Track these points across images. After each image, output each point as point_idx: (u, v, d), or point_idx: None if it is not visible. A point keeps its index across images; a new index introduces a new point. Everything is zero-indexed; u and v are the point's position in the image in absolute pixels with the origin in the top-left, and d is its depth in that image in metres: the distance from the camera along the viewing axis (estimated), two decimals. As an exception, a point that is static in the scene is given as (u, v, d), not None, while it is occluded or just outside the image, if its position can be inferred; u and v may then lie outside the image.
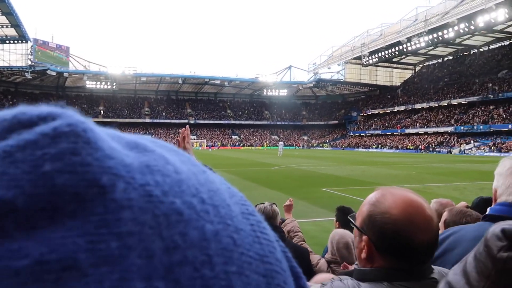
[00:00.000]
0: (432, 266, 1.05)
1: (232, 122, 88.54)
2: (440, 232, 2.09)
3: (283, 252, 0.26)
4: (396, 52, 66.21)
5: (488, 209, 1.42)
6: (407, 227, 0.96)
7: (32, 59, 67.70)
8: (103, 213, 0.18)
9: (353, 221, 1.10)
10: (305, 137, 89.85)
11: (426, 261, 1.01)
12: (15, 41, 65.53)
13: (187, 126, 2.47)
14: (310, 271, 2.66)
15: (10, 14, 52.63)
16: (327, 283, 1.05)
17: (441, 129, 59.61)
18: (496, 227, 0.63)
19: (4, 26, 57.89)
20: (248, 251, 0.22)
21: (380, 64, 77.87)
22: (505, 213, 1.31)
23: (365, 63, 73.22)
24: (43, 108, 0.20)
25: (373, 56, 69.66)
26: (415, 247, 0.96)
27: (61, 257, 0.17)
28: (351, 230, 2.18)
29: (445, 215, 2.17)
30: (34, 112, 0.19)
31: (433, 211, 1.03)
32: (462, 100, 61.25)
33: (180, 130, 2.33)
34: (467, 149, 50.25)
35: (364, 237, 1.02)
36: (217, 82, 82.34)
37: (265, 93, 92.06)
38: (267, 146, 78.29)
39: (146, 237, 0.18)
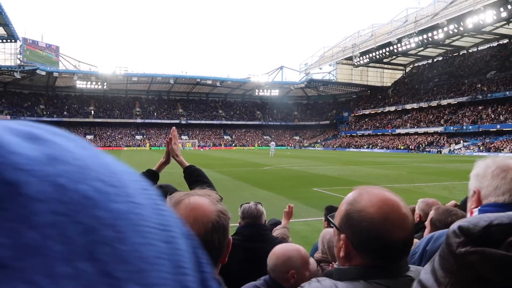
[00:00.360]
0: (409, 265, 1.07)
1: (224, 122, 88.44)
2: (427, 231, 2.14)
3: (175, 218, 0.28)
4: (387, 53, 66.72)
5: (476, 211, 1.42)
6: (383, 224, 0.99)
7: (21, 59, 66.93)
8: (17, 208, 0.19)
9: (332, 221, 1.12)
10: (297, 137, 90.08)
11: (401, 258, 1.03)
12: (4, 40, 64.62)
13: (174, 127, 2.54)
14: None
15: (-2, 13, 51.98)
16: (305, 285, 1.07)
17: (431, 129, 60.24)
18: (454, 224, 0.66)
19: (-7, 25, 57.16)
20: (152, 223, 0.24)
21: (371, 64, 78.40)
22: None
23: (356, 64, 73.69)
24: None
25: (364, 57, 70.10)
26: (391, 244, 0.99)
27: None
28: None
29: (431, 214, 2.21)
30: None
31: (409, 209, 1.06)
32: (452, 101, 61.96)
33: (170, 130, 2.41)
34: (456, 149, 50.83)
35: (342, 236, 1.04)
36: (209, 82, 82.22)
37: (257, 93, 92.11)
38: (258, 146, 78.19)
39: (62, 225, 0.19)
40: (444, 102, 63.09)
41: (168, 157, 2.47)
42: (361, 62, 72.29)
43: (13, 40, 64.76)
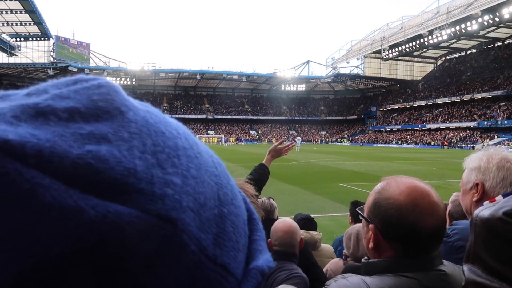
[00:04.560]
0: (443, 260, 1.03)
1: (250, 117, 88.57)
2: (447, 224, 2.07)
3: (240, 193, 0.37)
4: (417, 46, 64.82)
5: (501, 198, 1.38)
6: (411, 212, 0.96)
7: (54, 56, 69.19)
8: (122, 123, 0.28)
9: (360, 213, 1.11)
10: (323, 132, 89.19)
11: (432, 248, 1.00)
12: (38, 39, 67.06)
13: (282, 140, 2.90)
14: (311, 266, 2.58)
15: (32, 12, 53.82)
16: (330, 282, 1.04)
17: (464, 124, 58.21)
18: (492, 214, 0.63)
19: (27, 24, 59.25)
20: (207, 167, 0.32)
21: (400, 58, 76.44)
22: None
23: (385, 57, 72.00)
24: (91, 76, 0.32)
25: (393, 50, 68.41)
26: (420, 232, 0.96)
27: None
28: None
29: (448, 206, 2.19)
30: (86, 77, 0.32)
31: (440, 199, 1.04)
32: (486, 95, 59.60)
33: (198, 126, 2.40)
34: (490, 145, 48.92)
35: (371, 226, 1.02)
36: (235, 77, 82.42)
37: (283, 88, 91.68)
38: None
39: (142, 138, 0.29)
40: (477, 96, 60.77)
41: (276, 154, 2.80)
42: (390, 55, 70.59)
43: (46, 38, 67.07)
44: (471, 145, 50.43)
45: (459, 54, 77.86)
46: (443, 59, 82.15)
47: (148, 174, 0.27)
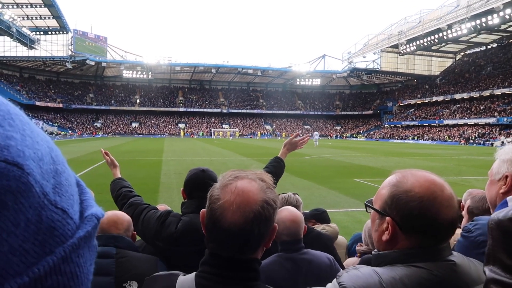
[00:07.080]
0: (452, 251, 1.06)
1: (265, 111, 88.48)
2: (465, 221, 2.08)
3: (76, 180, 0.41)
4: (436, 40, 63.58)
5: None
6: (432, 204, 0.99)
7: (72, 49, 70.26)
8: None
9: (370, 206, 1.12)
10: (338, 127, 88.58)
11: (448, 238, 1.04)
12: (57, 32, 68.15)
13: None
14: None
15: (51, 6, 54.73)
16: (342, 273, 1.03)
17: (482, 120, 57.05)
18: (503, 217, 0.66)
19: (46, 18, 60.28)
20: (38, 133, 0.36)
21: (418, 52, 75.17)
22: None
23: (402, 52, 70.88)
24: None
25: (411, 44, 67.27)
26: (440, 223, 0.99)
27: None
28: None
29: (468, 202, 2.18)
30: None
31: (452, 190, 1.06)
32: (506, 90, 58.17)
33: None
34: (510, 141, 47.87)
35: (388, 219, 1.03)
36: (250, 71, 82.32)
37: (298, 83, 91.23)
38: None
39: None
40: (497, 91, 59.40)
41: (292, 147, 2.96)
42: (408, 50, 69.45)
43: (64, 32, 68.12)
44: (490, 142, 49.42)
45: (479, 49, 76.12)
46: (462, 53, 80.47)
47: None
